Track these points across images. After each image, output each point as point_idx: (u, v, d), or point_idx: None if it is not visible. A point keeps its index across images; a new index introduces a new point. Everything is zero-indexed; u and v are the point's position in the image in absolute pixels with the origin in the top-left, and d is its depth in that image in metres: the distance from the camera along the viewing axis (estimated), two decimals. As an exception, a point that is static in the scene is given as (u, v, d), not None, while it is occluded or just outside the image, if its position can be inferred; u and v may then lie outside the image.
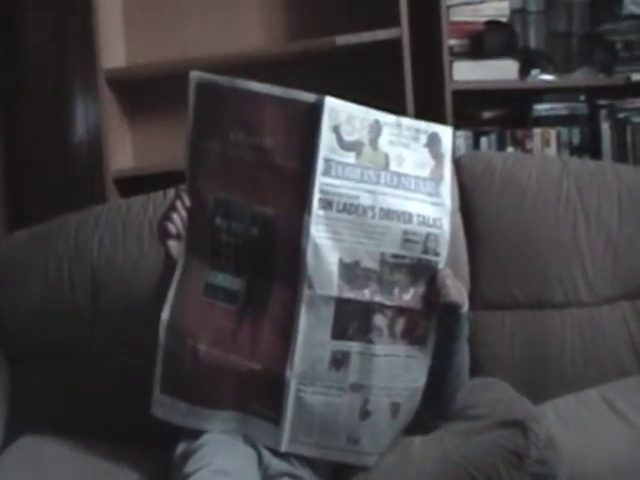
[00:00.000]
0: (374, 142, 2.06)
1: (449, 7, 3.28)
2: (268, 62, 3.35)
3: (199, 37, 3.47)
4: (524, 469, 1.90)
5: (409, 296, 2.08)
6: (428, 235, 2.06)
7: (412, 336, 2.10)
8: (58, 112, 3.82)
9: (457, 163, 2.78)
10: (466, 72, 3.28)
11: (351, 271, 2.04)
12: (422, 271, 2.08)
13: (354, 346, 2.06)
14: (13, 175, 3.77)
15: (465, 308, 2.16)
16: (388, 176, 2.06)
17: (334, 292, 2.03)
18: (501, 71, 3.30)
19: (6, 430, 2.60)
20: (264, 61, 3.35)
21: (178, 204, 2.11)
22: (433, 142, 2.11)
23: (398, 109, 3.16)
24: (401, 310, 2.08)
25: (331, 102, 2.03)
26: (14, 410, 2.66)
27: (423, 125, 2.12)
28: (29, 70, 3.80)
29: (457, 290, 2.12)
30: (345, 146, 2.03)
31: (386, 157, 2.07)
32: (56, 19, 3.76)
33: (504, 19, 3.35)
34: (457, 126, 3.26)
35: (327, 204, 2.02)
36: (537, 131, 3.33)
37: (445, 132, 2.13)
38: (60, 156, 3.81)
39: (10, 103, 3.79)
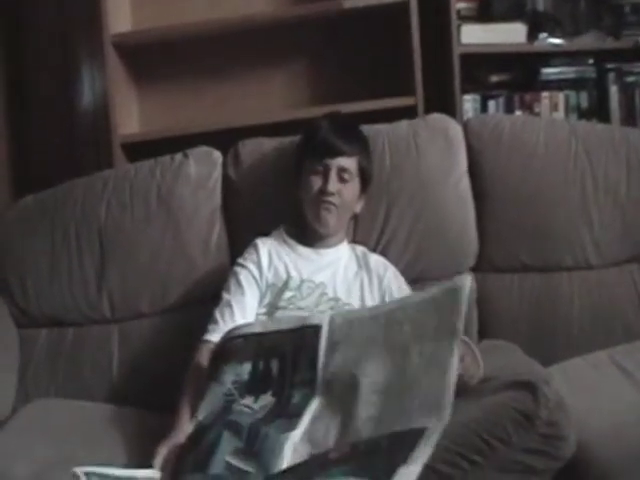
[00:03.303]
0: None
1: (457, -30, 3.25)
2: (274, 25, 3.34)
3: (205, 1, 3.44)
4: (534, 430, 1.90)
5: None
6: None
7: None
8: (64, 78, 3.80)
9: (465, 126, 2.78)
10: (474, 35, 3.25)
11: None
12: None
13: None
14: (20, 142, 3.76)
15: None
16: None
17: None
18: (509, 34, 3.28)
19: (16, 394, 2.61)
20: (270, 24, 3.33)
21: None
22: None
23: (405, 73, 3.17)
24: None
25: None
26: (23, 375, 2.67)
27: None
28: (35, 37, 3.78)
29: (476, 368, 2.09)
30: None
31: None
32: (62, -16, 3.74)
33: (512, -18, 3.33)
34: (465, 90, 3.26)
35: None
36: (545, 95, 3.31)
37: None
38: (67, 121, 3.80)
39: (16, 70, 3.78)
